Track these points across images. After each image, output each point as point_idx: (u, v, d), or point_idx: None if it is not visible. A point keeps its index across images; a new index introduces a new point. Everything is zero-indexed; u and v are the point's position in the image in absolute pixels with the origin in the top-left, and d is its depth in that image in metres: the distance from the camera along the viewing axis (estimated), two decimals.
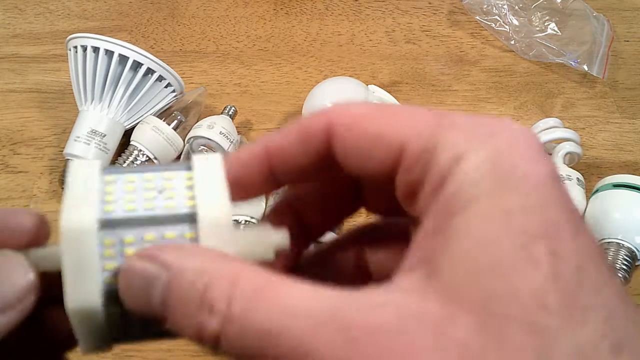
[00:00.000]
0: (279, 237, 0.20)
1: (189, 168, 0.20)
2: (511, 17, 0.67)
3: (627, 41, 0.69)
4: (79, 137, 0.52)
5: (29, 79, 0.63)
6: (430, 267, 0.16)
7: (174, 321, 0.16)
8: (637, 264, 0.48)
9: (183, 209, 0.19)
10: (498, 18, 0.67)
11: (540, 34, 0.66)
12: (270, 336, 0.15)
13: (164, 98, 0.56)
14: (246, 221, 0.50)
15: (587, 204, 0.51)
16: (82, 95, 0.53)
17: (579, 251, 0.15)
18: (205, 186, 0.19)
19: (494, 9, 0.67)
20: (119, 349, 0.46)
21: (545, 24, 0.66)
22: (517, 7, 0.67)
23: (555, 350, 0.14)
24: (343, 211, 0.23)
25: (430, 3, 0.72)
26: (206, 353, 0.17)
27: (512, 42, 0.66)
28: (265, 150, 0.20)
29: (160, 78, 0.54)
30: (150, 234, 0.18)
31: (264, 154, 0.20)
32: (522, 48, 0.66)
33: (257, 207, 0.50)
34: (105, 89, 0.52)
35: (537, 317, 0.14)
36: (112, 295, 0.17)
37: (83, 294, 0.17)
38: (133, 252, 0.18)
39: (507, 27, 0.67)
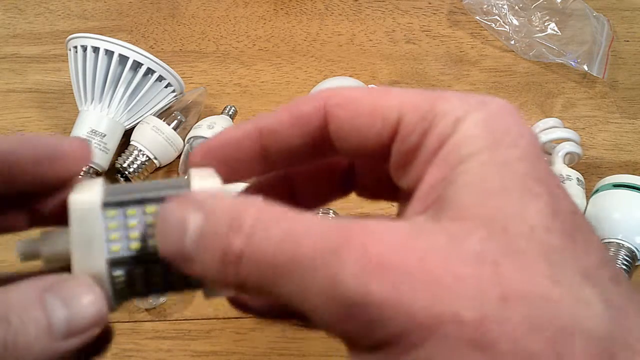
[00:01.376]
0: None
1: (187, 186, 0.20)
2: (511, 17, 0.67)
3: (627, 41, 0.69)
4: (79, 137, 0.52)
5: (29, 79, 0.63)
6: (437, 204, 0.16)
7: (203, 254, 0.16)
8: (637, 264, 0.48)
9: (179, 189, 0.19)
10: (498, 18, 0.67)
11: (540, 34, 0.66)
12: (287, 246, 0.15)
13: (164, 98, 0.56)
14: None
15: (587, 204, 0.51)
16: (82, 95, 0.53)
17: (571, 202, 0.17)
18: (200, 177, 0.20)
19: (494, 9, 0.67)
20: (119, 349, 0.46)
21: (545, 24, 0.66)
22: (517, 7, 0.67)
23: (565, 265, 0.15)
24: (334, 193, 0.24)
25: (430, 3, 0.72)
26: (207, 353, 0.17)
27: (512, 42, 0.66)
28: (257, 131, 0.20)
29: (160, 78, 0.54)
30: (152, 206, 0.19)
31: (256, 135, 0.20)
32: (522, 48, 0.66)
33: None
34: (105, 89, 0.52)
35: (544, 236, 0.15)
36: (116, 261, 0.19)
37: (90, 261, 0.18)
38: (135, 223, 0.19)
39: (507, 27, 0.67)
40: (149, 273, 0.19)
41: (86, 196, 0.19)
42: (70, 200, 0.18)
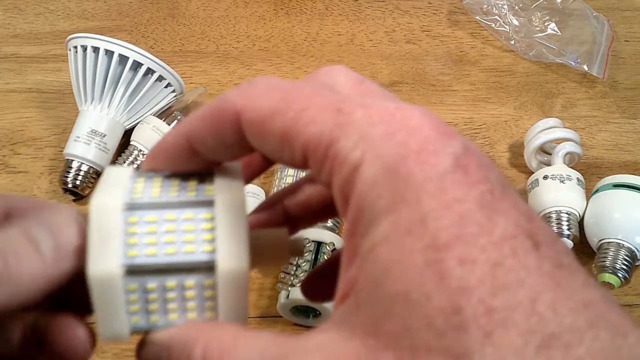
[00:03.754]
0: (295, 245, 0.22)
1: (210, 204, 0.20)
2: (511, 17, 0.67)
3: (627, 41, 0.69)
4: (79, 137, 0.52)
5: (29, 79, 0.63)
6: (354, 296, 0.16)
7: None
8: (637, 264, 0.48)
9: (202, 255, 0.19)
10: (498, 18, 0.67)
11: (540, 34, 0.66)
12: None
13: (164, 98, 0.56)
14: None
15: (587, 204, 0.51)
16: (82, 95, 0.53)
17: (495, 243, 0.14)
18: (225, 230, 0.20)
19: (494, 9, 0.67)
20: (119, 349, 0.46)
21: (545, 24, 0.66)
22: (517, 7, 0.67)
23: None
24: (328, 211, 0.24)
25: (430, 3, 0.72)
26: None
27: (512, 42, 0.66)
28: (184, 138, 0.20)
29: (160, 78, 0.54)
30: (171, 282, 0.19)
31: (185, 143, 0.20)
32: (522, 48, 0.66)
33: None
34: (105, 89, 0.52)
35: (453, 341, 0.14)
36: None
37: (112, 327, 0.19)
38: (155, 297, 0.19)
39: (507, 27, 0.67)
40: None
41: (105, 260, 0.19)
42: (89, 263, 0.19)
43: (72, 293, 0.20)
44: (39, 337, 0.19)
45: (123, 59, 0.52)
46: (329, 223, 0.48)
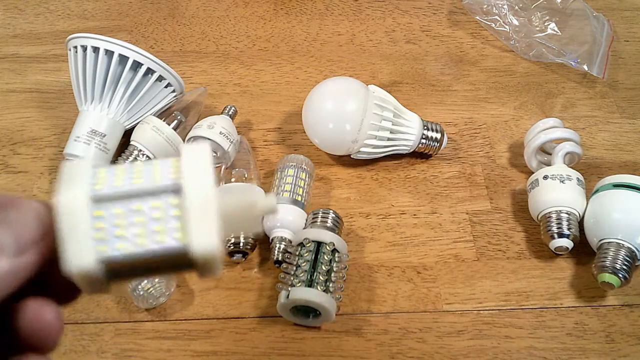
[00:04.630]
0: (264, 203, 0.22)
1: (177, 156, 0.21)
2: (511, 17, 0.67)
3: (627, 41, 0.69)
4: (79, 137, 0.52)
5: (29, 79, 0.63)
6: None
7: None
8: (637, 264, 0.48)
9: (169, 181, 0.20)
10: (498, 18, 0.67)
11: (540, 34, 0.66)
12: None
13: (164, 98, 0.56)
14: None
15: (587, 204, 0.51)
16: (82, 95, 0.53)
17: None
18: (192, 165, 0.21)
19: (494, 9, 0.67)
20: (119, 349, 0.46)
21: (545, 24, 0.66)
22: (517, 7, 0.67)
23: None
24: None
25: (430, 3, 0.72)
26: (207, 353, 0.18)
27: (512, 42, 0.66)
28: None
29: (160, 78, 0.54)
30: (136, 204, 0.20)
31: None
32: (522, 48, 0.66)
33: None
34: (105, 89, 0.52)
35: None
36: (103, 261, 0.20)
37: (80, 258, 0.20)
38: (122, 222, 0.20)
39: (507, 27, 0.67)
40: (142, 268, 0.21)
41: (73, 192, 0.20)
42: (57, 197, 0.19)
43: (47, 282, 0.21)
44: (6, 321, 0.20)
45: (123, 59, 0.52)
46: (329, 223, 0.48)
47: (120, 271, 0.20)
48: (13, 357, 0.21)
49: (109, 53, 0.52)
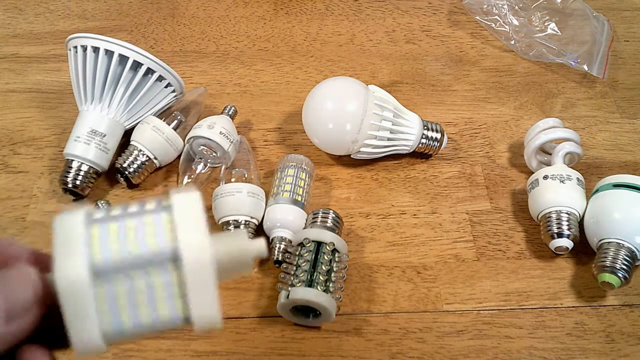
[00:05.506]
0: (257, 247, 0.22)
1: (168, 208, 0.21)
2: (511, 17, 0.67)
3: (627, 41, 0.69)
4: (79, 137, 0.52)
5: (29, 79, 0.63)
6: None
7: None
8: (637, 264, 0.48)
9: (166, 249, 0.20)
10: (498, 18, 0.67)
11: (540, 34, 0.66)
12: None
13: (164, 98, 0.56)
14: (246, 222, 0.50)
15: (587, 204, 0.51)
16: (82, 95, 0.53)
17: None
18: (185, 224, 0.20)
19: (494, 9, 0.67)
20: (119, 349, 0.46)
21: (545, 24, 0.66)
22: (517, 7, 0.67)
23: None
24: None
25: (430, 3, 0.72)
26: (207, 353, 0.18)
27: (512, 42, 0.66)
28: None
29: (160, 78, 0.54)
30: (140, 280, 0.20)
31: None
32: (522, 48, 0.66)
33: (257, 207, 0.50)
34: (105, 89, 0.52)
35: None
36: (107, 335, 0.20)
37: (85, 334, 0.19)
38: (124, 296, 0.20)
39: (507, 27, 0.67)
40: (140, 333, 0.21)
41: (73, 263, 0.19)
42: (56, 269, 0.19)
43: (45, 330, 0.21)
44: None
45: (123, 59, 0.52)
46: (329, 223, 0.48)
47: (121, 340, 0.20)
48: None
49: (109, 53, 0.52)
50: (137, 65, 0.52)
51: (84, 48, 0.52)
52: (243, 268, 0.22)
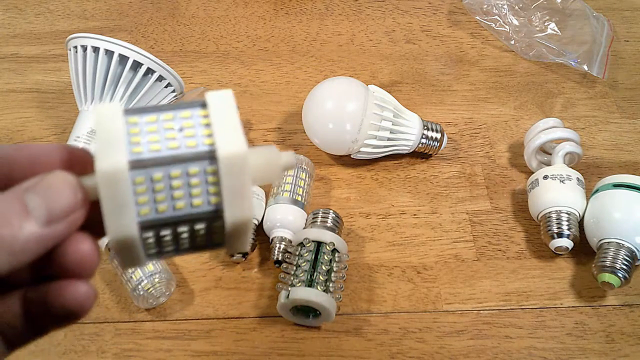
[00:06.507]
0: (286, 158, 0.23)
1: (204, 105, 0.22)
2: (511, 17, 0.67)
3: (627, 41, 0.69)
4: (79, 137, 0.52)
5: (29, 79, 0.63)
6: None
7: None
8: (637, 264, 0.48)
9: (203, 146, 0.21)
10: (498, 18, 0.67)
11: (540, 34, 0.66)
12: None
13: (164, 98, 0.56)
14: None
15: (587, 204, 0.51)
16: (82, 95, 0.53)
17: None
18: (221, 122, 0.21)
19: (494, 9, 0.67)
20: (119, 349, 0.46)
21: (545, 24, 0.66)
22: (517, 7, 0.67)
23: None
24: None
25: (430, 3, 0.72)
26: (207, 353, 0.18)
27: (512, 42, 0.66)
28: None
29: (160, 78, 0.54)
30: (176, 171, 0.20)
31: None
32: (522, 48, 0.66)
33: (257, 207, 0.50)
34: (105, 89, 0.52)
35: None
36: (145, 225, 0.20)
37: (121, 226, 0.20)
38: (162, 187, 0.20)
39: (507, 27, 0.67)
40: (176, 234, 0.21)
41: (112, 160, 0.20)
42: (96, 168, 0.20)
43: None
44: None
45: (123, 59, 0.52)
46: (329, 223, 0.48)
47: (158, 239, 0.21)
48: (55, 282, 0.21)
49: (109, 53, 0.52)
50: (137, 65, 0.53)
51: (84, 48, 0.52)
52: (272, 176, 0.23)
